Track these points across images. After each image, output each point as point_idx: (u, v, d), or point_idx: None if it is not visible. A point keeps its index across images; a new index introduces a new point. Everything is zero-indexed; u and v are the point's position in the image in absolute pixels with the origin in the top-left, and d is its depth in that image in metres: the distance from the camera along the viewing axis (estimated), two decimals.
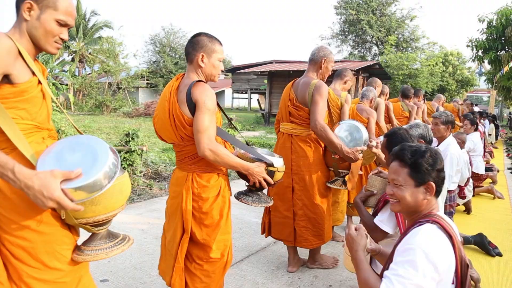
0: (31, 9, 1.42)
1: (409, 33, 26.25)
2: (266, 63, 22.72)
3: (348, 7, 25.74)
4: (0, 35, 1.34)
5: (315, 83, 2.92)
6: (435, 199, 1.65)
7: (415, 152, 1.64)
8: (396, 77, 19.35)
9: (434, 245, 1.44)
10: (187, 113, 1.99)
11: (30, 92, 1.40)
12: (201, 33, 2.12)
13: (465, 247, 3.81)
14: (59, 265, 1.45)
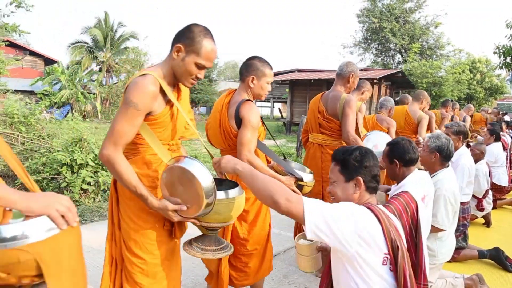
0: (179, 51, 1.73)
1: (433, 40, 25.75)
2: (289, 71, 22.75)
3: (371, 15, 25.53)
4: (148, 81, 1.68)
5: (345, 97, 3.17)
6: (369, 194, 1.76)
7: (345, 151, 1.79)
8: (420, 85, 19.01)
9: (361, 212, 1.57)
10: (234, 126, 2.33)
11: (161, 118, 1.78)
12: (255, 56, 2.44)
13: (479, 261, 3.74)
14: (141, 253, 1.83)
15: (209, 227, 1.78)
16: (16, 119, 6.75)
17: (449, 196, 2.85)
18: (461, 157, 3.77)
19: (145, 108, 1.68)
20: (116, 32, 29.09)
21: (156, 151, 1.75)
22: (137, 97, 1.64)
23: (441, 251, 2.92)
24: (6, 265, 1.05)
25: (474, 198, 4.82)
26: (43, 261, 1.07)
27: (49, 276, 1.09)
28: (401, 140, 2.51)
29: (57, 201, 1.12)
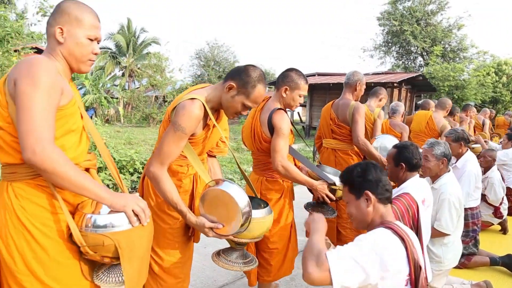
0: (231, 88, 1.87)
1: (456, 42, 25.20)
2: (309, 75, 22.72)
3: (391, 18, 25.22)
4: (195, 106, 1.82)
5: (353, 104, 3.39)
6: (383, 206, 1.73)
7: (347, 171, 1.82)
8: (442, 89, 18.64)
9: (385, 243, 1.53)
10: (266, 132, 2.50)
11: (198, 139, 1.97)
12: (293, 68, 2.58)
13: (491, 268, 3.68)
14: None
15: (239, 242, 1.95)
16: None
17: (453, 200, 2.85)
18: (466, 163, 3.74)
19: (191, 132, 1.85)
20: (138, 37, 29.77)
21: (196, 169, 1.94)
22: (185, 122, 1.79)
23: (447, 257, 2.92)
24: (94, 246, 1.41)
25: (491, 206, 4.74)
26: (120, 247, 1.40)
27: (123, 259, 1.42)
28: (410, 144, 2.55)
29: (135, 203, 1.43)
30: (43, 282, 1.42)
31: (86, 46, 1.52)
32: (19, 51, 8.99)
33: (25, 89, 1.31)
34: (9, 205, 1.40)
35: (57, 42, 1.49)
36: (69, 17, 1.48)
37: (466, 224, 3.71)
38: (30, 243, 1.40)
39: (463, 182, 3.70)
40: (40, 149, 1.28)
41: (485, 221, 4.82)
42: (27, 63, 1.36)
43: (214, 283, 3.18)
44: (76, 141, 1.53)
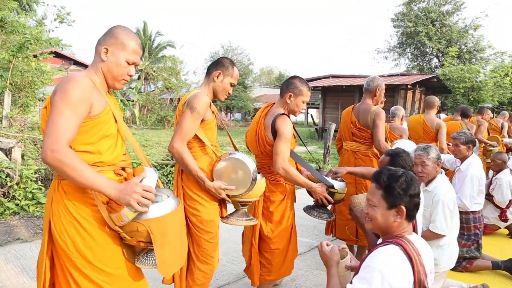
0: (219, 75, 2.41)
1: (472, 43, 24.78)
2: (323, 77, 22.69)
3: (406, 19, 24.99)
4: (204, 94, 2.27)
5: (374, 110, 3.54)
6: (407, 222, 1.73)
7: (390, 176, 1.72)
8: (457, 91, 18.39)
9: (391, 266, 1.56)
10: (269, 136, 2.65)
11: (211, 124, 2.40)
12: (296, 76, 2.76)
13: (493, 272, 3.69)
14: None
15: (243, 202, 2.46)
16: None
17: (447, 202, 2.90)
18: (470, 166, 3.75)
19: (204, 113, 2.27)
20: (154, 41, 30.24)
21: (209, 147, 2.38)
22: (199, 105, 2.23)
23: (442, 259, 2.96)
24: (131, 232, 1.62)
25: (498, 208, 4.74)
26: (152, 232, 1.60)
27: (155, 244, 1.61)
28: (402, 152, 2.57)
29: (132, 192, 1.54)
30: (91, 263, 1.65)
31: (124, 68, 1.75)
32: (37, 56, 9.31)
33: (56, 101, 1.55)
34: (61, 200, 1.65)
35: (101, 59, 1.73)
36: (116, 40, 1.72)
37: (468, 227, 3.74)
38: (79, 231, 1.64)
39: (466, 185, 3.72)
40: (53, 149, 1.47)
41: (492, 224, 4.81)
42: (65, 80, 1.60)
43: (216, 282, 3.29)
44: (112, 145, 1.74)
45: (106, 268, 1.67)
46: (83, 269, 1.64)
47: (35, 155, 6.48)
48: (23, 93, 8.68)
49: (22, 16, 10.49)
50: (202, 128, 2.34)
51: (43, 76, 9.11)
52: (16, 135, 6.69)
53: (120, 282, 1.72)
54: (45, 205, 1.77)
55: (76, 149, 1.62)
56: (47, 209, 1.72)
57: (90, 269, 1.65)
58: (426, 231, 2.97)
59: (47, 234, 1.68)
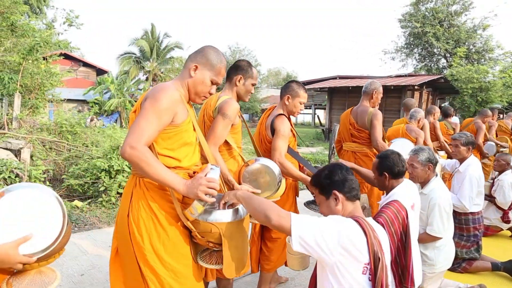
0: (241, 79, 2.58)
1: (481, 43, 24.57)
2: (330, 78, 22.70)
3: (413, 19, 24.87)
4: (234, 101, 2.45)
5: (372, 111, 3.74)
6: (352, 203, 1.85)
7: (317, 175, 1.95)
8: (465, 91, 18.27)
9: (345, 225, 1.68)
10: (269, 134, 2.91)
11: (238, 128, 2.60)
12: (294, 80, 3.03)
13: (493, 273, 3.71)
14: None
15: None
16: (64, 128, 7.46)
17: (444, 205, 2.93)
18: (468, 167, 3.77)
19: (234, 118, 2.42)
20: (161, 42, 30.46)
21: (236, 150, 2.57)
22: (230, 111, 2.38)
23: (439, 259, 2.99)
24: (204, 232, 1.77)
25: (500, 209, 4.75)
26: (224, 235, 1.76)
27: (224, 245, 1.77)
28: (390, 153, 2.61)
29: (198, 185, 1.65)
30: (161, 258, 1.76)
31: (208, 86, 1.90)
32: (47, 59, 9.49)
33: (146, 105, 1.70)
34: (142, 195, 1.78)
35: (189, 75, 1.88)
36: (206, 60, 1.87)
37: (467, 228, 3.76)
38: (156, 226, 1.77)
39: (465, 186, 3.73)
40: (132, 145, 1.61)
41: (494, 226, 4.82)
42: (158, 88, 1.76)
43: None
44: (190, 152, 1.90)
45: (174, 264, 1.79)
46: (152, 263, 1.75)
47: (43, 156, 6.63)
48: (32, 94, 8.85)
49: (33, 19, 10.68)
50: (231, 132, 2.52)
51: (52, 78, 9.29)
52: (26, 136, 6.85)
53: (183, 280, 1.81)
54: (122, 198, 1.88)
55: (160, 153, 1.78)
56: (125, 203, 1.83)
57: (159, 264, 1.76)
58: (423, 234, 3.00)
59: (125, 226, 1.80)
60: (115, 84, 23.63)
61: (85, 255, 3.88)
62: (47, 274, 1.52)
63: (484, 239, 4.21)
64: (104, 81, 25.12)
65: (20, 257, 1.34)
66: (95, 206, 5.47)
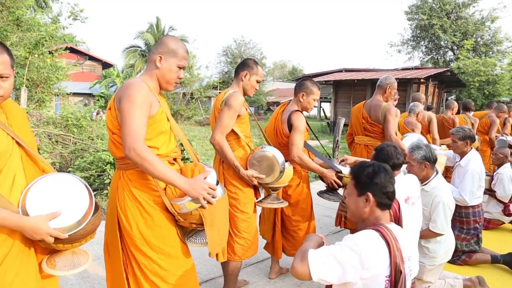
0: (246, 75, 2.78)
1: (489, 36, 24.24)
2: (336, 71, 22.58)
3: (420, 11, 24.59)
4: (239, 94, 2.69)
5: (385, 105, 3.79)
6: (380, 210, 1.82)
7: (360, 166, 1.88)
8: (472, 84, 18.11)
9: (367, 244, 1.64)
10: (285, 129, 3.10)
11: (245, 119, 2.81)
12: (307, 78, 3.22)
13: (492, 265, 3.74)
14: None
15: (274, 187, 2.88)
16: (70, 122, 7.56)
17: (447, 202, 2.95)
18: (470, 161, 3.78)
19: (239, 109, 2.65)
20: None
21: (243, 140, 2.79)
22: (235, 103, 2.62)
23: (439, 252, 3.02)
24: (185, 214, 1.89)
25: (501, 203, 4.75)
26: (204, 216, 1.87)
27: (206, 225, 1.89)
28: (386, 146, 2.63)
29: (201, 188, 1.80)
30: (149, 242, 1.90)
31: (175, 72, 1.99)
32: (52, 53, 9.57)
33: (125, 105, 1.79)
34: (127, 186, 1.90)
35: (155, 66, 1.96)
36: (168, 49, 1.96)
37: (467, 221, 3.78)
38: (142, 213, 1.90)
39: (467, 181, 3.75)
40: (134, 147, 1.73)
41: (496, 219, 4.82)
42: (126, 86, 1.85)
43: (220, 271, 3.43)
44: (167, 140, 2.00)
45: (163, 246, 1.92)
46: (143, 247, 1.89)
47: (50, 149, 6.73)
48: (39, 88, 8.95)
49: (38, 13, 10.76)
50: (238, 122, 2.73)
51: (58, 72, 9.38)
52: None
53: (172, 260, 1.96)
54: (110, 192, 2.02)
55: None
56: (113, 196, 1.97)
57: (149, 248, 1.90)
58: (425, 230, 3.02)
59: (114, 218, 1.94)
60: (121, 77, 23.77)
61: (91, 246, 3.97)
62: (80, 255, 1.71)
63: (484, 232, 4.23)
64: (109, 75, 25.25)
65: (50, 229, 1.50)
66: (100, 198, 5.56)
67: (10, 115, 1.64)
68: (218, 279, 3.37)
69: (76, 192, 1.64)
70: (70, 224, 1.56)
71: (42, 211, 1.52)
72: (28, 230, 1.48)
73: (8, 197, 1.51)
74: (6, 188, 1.52)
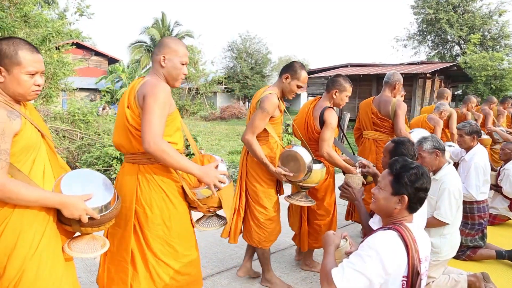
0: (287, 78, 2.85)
1: (497, 30, 23.96)
2: (341, 66, 22.47)
3: (426, 6, 24.34)
4: (274, 97, 2.76)
5: (395, 101, 3.88)
6: (408, 213, 1.82)
7: (403, 166, 1.82)
8: (479, 79, 17.95)
9: (387, 248, 1.66)
10: (317, 125, 3.12)
11: (278, 119, 2.92)
12: (340, 75, 3.22)
13: (497, 261, 3.74)
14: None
15: (303, 186, 2.95)
16: (77, 117, 7.63)
17: (453, 190, 2.96)
18: (474, 156, 3.77)
19: (272, 112, 2.76)
20: (172, 31, 30.49)
21: (275, 138, 2.93)
22: (269, 106, 2.72)
23: (444, 248, 3.03)
24: (205, 200, 2.14)
25: (507, 199, 4.74)
26: (222, 198, 2.15)
27: (224, 206, 2.18)
28: (407, 141, 2.67)
29: (214, 176, 2.05)
30: (168, 227, 2.09)
31: (180, 69, 2.13)
32: (59, 49, 9.63)
33: (149, 102, 1.93)
34: (152, 179, 2.07)
35: (160, 66, 2.11)
36: (169, 48, 2.10)
37: (472, 217, 3.79)
38: (165, 201, 2.09)
39: (471, 175, 3.75)
40: (154, 141, 1.88)
41: (501, 215, 4.81)
42: (152, 85, 1.99)
43: (225, 265, 3.48)
44: (181, 136, 2.20)
45: (180, 231, 2.15)
46: (163, 233, 2.08)
47: (57, 144, 6.80)
48: (46, 84, 9.02)
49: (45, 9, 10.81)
50: (271, 123, 2.85)
51: (65, 67, 9.44)
52: None
53: (185, 243, 2.19)
54: (123, 185, 2.11)
55: None
56: (129, 188, 2.08)
57: (169, 233, 2.10)
58: (430, 218, 3.04)
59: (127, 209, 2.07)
60: (127, 73, 23.86)
61: None
62: (99, 240, 1.85)
63: (490, 228, 4.23)
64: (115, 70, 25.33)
65: (86, 207, 1.67)
66: None
67: (31, 112, 1.78)
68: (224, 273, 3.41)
69: (101, 181, 1.85)
70: (100, 205, 1.73)
71: (77, 192, 1.70)
72: (69, 206, 1.63)
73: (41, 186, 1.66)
74: (38, 178, 1.65)
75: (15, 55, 1.60)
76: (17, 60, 1.60)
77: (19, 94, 1.64)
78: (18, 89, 1.63)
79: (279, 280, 3.13)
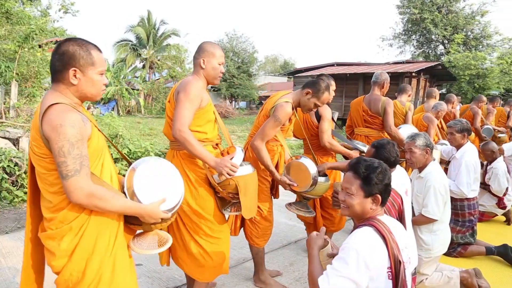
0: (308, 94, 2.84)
1: (479, 30, 24.43)
2: (328, 65, 22.56)
3: (411, 5, 24.65)
4: (289, 106, 2.78)
5: (384, 100, 4.14)
6: (381, 208, 1.87)
7: (368, 167, 1.83)
8: (462, 78, 18.26)
9: (366, 245, 1.68)
10: (315, 120, 3.41)
11: (285, 128, 2.97)
12: (323, 74, 3.40)
13: (487, 257, 3.79)
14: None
15: (305, 196, 3.03)
16: None
17: (438, 187, 2.99)
18: (465, 154, 3.82)
19: (284, 122, 2.82)
20: (158, 29, 30.18)
21: (284, 146, 3.04)
22: (282, 116, 2.77)
23: (435, 244, 3.06)
24: (224, 185, 2.36)
25: (495, 196, 4.81)
26: (239, 185, 2.35)
27: (241, 194, 2.37)
28: (386, 143, 2.61)
29: (224, 166, 2.25)
30: (195, 211, 2.41)
31: (217, 69, 2.45)
32: (43, 47, 9.41)
33: (181, 97, 2.28)
34: (180, 165, 2.38)
35: (201, 68, 2.43)
36: (207, 52, 2.42)
37: (462, 214, 3.83)
38: (190, 188, 2.40)
39: (462, 173, 3.79)
40: (180, 130, 2.21)
41: (489, 212, 4.90)
42: (186, 82, 2.34)
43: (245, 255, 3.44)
44: (212, 127, 2.50)
45: (207, 215, 2.42)
46: (193, 218, 2.40)
47: None
48: (29, 83, 8.81)
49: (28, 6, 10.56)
50: (281, 129, 2.95)
51: (48, 66, 9.21)
52: (23, 125, 6.84)
53: (214, 226, 2.46)
54: None
55: (192, 129, 2.31)
56: None
57: (193, 214, 2.40)
58: (418, 216, 3.07)
59: None
60: (112, 72, 23.50)
61: None
62: (162, 235, 1.90)
63: (479, 224, 4.29)
64: None
65: (161, 213, 1.74)
66: None
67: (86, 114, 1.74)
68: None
69: (171, 175, 1.87)
70: (172, 206, 1.81)
71: (153, 198, 1.73)
72: (145, 215, 1.70)
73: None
74: (107, 178, 1.69)
75: (89, 55, 1.60)
76: (91, 61, 1.61)
77: (91, 95, 1.66)
78: (92, 90, 1.65)
79: (273, 281, 3.11)
